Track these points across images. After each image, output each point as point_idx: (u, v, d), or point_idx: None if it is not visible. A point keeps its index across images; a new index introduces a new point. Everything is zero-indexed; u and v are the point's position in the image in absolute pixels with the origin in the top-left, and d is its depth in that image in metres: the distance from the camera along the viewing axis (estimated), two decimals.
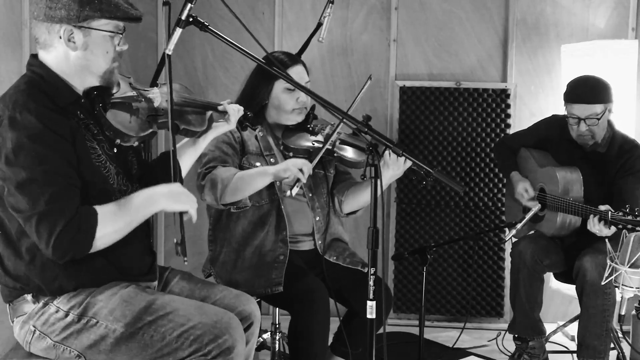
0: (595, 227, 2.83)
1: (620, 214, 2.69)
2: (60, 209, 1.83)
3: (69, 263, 1.95)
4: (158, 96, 2.14)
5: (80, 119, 1.98)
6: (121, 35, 2.00)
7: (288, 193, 2.50)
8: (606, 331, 3.03)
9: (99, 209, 1.90)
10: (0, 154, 1.85)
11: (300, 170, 2.47)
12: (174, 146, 2.00)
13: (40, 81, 1.95)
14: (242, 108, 2.34)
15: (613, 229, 2.77)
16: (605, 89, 3.09)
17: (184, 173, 2.31)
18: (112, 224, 1.90)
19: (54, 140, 1.87)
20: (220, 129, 2.32)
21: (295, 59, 2.78)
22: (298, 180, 2.48)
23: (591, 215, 2.85)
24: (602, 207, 2.81)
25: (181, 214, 1.96)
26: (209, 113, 2.30)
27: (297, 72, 2.71)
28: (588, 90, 3.08)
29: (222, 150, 2.63)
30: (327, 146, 2.65)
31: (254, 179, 2.54)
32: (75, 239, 1.84)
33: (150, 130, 2.09)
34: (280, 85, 2.71)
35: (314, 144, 2.70)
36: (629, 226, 2.64)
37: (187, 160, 2.32)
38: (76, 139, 1.93)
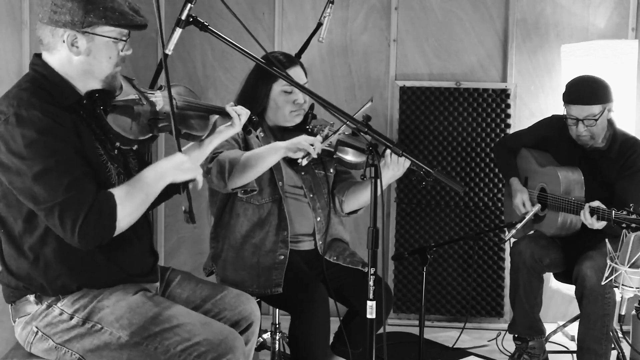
0: (588, 220, 2.87)
1: (625, 212, 2.70)
2: (80, 196, 1.83)
3: (72, 262, 1.96)
4: (160, 99, 2.13)
5: (83, 118, 1.99)
6: (125, 42, 2.00)
7: (305, 162, 2.47)
8: (606, 335, 3.02)
9: (114, 191, 1.90)
10: (11, 152, 1.85)
11: (312, 145, 2.47)
12: (179, 145, 1.99)
13: (42, 80, 1.96)
14: (248, 112, 2.33)
15: (603, 223, 2.82)
16: (603, 89, 3.08)
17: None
18: (129, 203, 1.90)
19: (61, 132, 1.87)
20: (226, 133, 2.31)
21: (292, 60, 2.78)
22: (308, 154, 2.48)
23: (586, 207, 2.88)
24: (594, 204, 2.86)
25: (186, 182, 1.96)
26: (212, 117, 2.29)
27: (294, 74, 2.71)
28: (585, 91, 3.07)
29: (228, 142, 2.62)
30: (328, 148, 2.65)
31: (264, 155, 2.51)
32: (100, 223, 1.84)
33: (150, 135, 2.09)
34: (278, 88, 2.71)
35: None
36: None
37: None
38: (81, 135, 1.94)
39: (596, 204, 2.86)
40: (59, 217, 1.83)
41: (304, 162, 2.47)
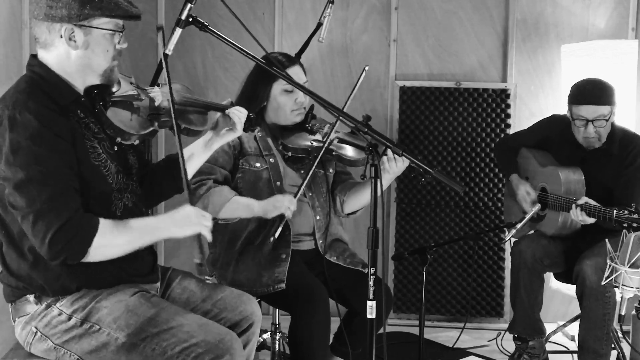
0: (579, 217, 2.92)
1: (626, 212, 2.70)
2: (57, 208, 1.83)
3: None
4: (159, 95, 2.14)
5: (81, 117, 1.99)
6: (121, 34, 2.00)
7: (271, 239, 2.57)
8: (607, 334, 3.02)
9: (103, 220, 1.90)
10: (1, 154, 1.85)
11: (288, 207, 2.53)
12: (181, 151, 1.99)
13: (40, 81, 1.95)
14: (245, 112, 2.33)
15: (593, 219, 2.89)
16: (611, 90, 3.09)
17: (189, 176, 2.30)
18: (110, 236, 1.90)
19: (52, 141, 1.87)
20: (228, 137, 2.31)
21: (292, 59, 2.79)
22: (282, 217, 2.53)
23: (573, 205, 2.93)
24: (580, 201, 2.92)
25: (198, 235, 1.96)
26: (212, 114, 2.30)
27: (294, 73, 2.71)
28: (596, 91, 3.07)
29: (212, 155, 2.62)
30: (327, 145, 2.66)
31: (240, 210, 2.59)
32: (71, 242, 1.84)
33: (151, 129, 2.09)
34: (278, 87, 2.71)
35: (312, 144, 2.71)
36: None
37: (192, 166, 2.31)
38: (76, 139, 1.93)
39: (583, 201, 2.92)
40: (32, 225, 1.83)
41: (277, 234, 2.54)
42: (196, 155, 2.31)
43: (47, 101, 1.90)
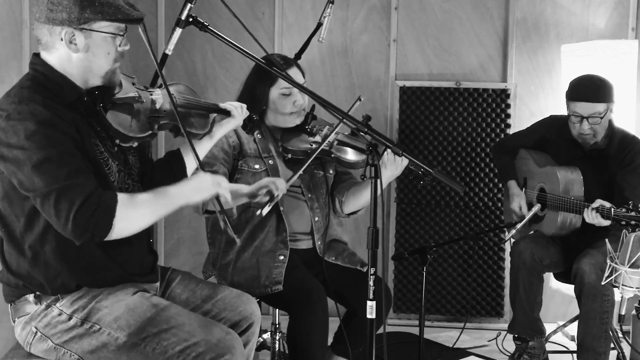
0: (594, 220, 2.85)
1: (624, 210, 2.70)
2: (78, 185, 1.82)
3: (71, 261, 1.96)
4: (160, 97, 2.13)
5: (84, 115, 1.99)
6: (122, 36, 2.00)
7: (258, 212, 2.48)
8: (605, 333, 3.02)
9: (121, 193, 1.90)
10: (13, 145, 1.84)
11: (275, 185, 2.44)
12: (191, 143, 2.00)
13: (43, 78, 1.96)
14: (244, 106, 2.33)
15: (609, 221, 2.80)
16: (609, 88, 3.09)
17: (189, 172, 2.31)
18: (133, 208, 1.89)
19: (63, 126, 1.87)
20: (227, 126, 2.32)
21: (289, 61, 2.78)
22: (272, 197, 2.46)
23: (588, 208, 2.87)
24: (595, 204, 2.84)
25: (217, 197, 1.98)
26: (212, 115, 2.30)
27: (292, 75, 2.70)
28: (592, 89, 3.07)
29: (212, 153, 2.61)
30: (324, 147, 2.65)
31: (231, 196, 2.51)
32: (95, 216, 1.82)
33: (150, 132, 2.09)
34: (276, 91, 2.71)
35: (312, 145, 2.70)
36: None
37: (192, 161, 2.31)
38: (81, 133, 1.94)
39: (598, 204, 2.85)
40: (55, 203, 1.81)
41: (264, 212, 2.44)
42: (197, 147, 2.31)
43: (51, 97, 1.91)
